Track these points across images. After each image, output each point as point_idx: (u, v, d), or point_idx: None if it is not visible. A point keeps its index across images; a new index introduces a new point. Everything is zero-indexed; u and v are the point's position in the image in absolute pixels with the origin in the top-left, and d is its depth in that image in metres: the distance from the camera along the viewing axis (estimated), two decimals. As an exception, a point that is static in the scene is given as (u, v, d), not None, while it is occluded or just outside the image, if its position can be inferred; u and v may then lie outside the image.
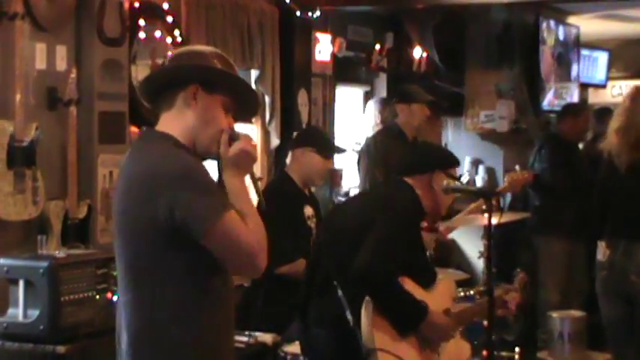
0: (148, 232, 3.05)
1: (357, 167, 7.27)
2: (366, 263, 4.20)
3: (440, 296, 4.54)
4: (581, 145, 8.96)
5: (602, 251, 6.12)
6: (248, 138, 3.23)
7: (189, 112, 3.18)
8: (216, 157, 3.21)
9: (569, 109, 9.03)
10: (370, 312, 4.19)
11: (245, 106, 3.33)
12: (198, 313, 3.10)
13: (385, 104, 8.64)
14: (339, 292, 4.25)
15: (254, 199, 3.26)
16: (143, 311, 3.10)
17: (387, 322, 4.24)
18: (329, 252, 4.50)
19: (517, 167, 7.45)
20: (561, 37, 11.12)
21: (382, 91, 9.86)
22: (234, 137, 3.19)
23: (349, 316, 4.20)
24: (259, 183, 3.36)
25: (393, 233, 4.32)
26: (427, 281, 4.53)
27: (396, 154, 5.91)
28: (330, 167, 6.37)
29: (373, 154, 6.90)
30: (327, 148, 6.02)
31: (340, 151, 6.32)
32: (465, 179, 10.27)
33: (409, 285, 4.34)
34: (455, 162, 4.83)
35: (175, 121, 3.19)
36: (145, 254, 3.08)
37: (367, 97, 9.84)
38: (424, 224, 5.81)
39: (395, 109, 6.74)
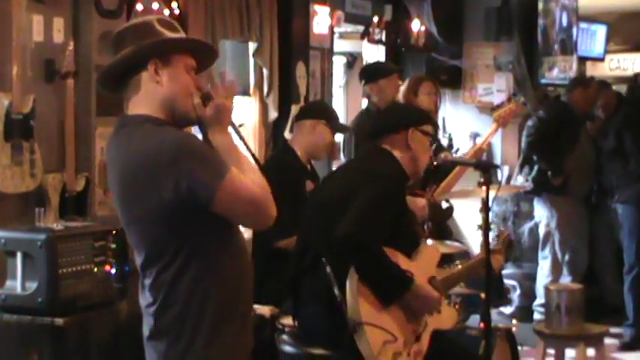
0: (158, 217, 3.09)
1: (344, 145, 7.28)
2: (349, 229, 4.15)
3: (424, 264, 4.49)
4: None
5: None
6: (219, 90, 3.24)
7: (157, 88, 3.20)
8: (197, 120, 3.24)
9: (578, 81, 9.04)
10: (355, 284, 4.16)
11: (203, 57, 3.35)
12: (222, 267, 3.18)
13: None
14: (328, 269, 4.23)
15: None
16: (171, 285, 3.14)
17: (372, 294, 4.20)
18: (315, 225, 4.47)
19: (503, 101, 7.30)
20: (560, 10, 11.08)
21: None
22: (206, 97, 3.22)
23: (337, 292, 4.19)
24: (240, 129, 3.38)
25: (377, 200, 4.27)
26: (411, 248, 4.48)
27: None
28: (334, 143, 6.38)
29: (357, 137, 6.89)
30: (337, 123, 6.03)
31: (346, 129, 6.37)
32: (462, 152, 10.28)
33: (393, 255, 4.29)
34: (428, 118, 4.77)
35: (148, 102, 3.20)
36: (163, 237, 3.12)
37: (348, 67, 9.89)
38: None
39: (365, 91, 6.74)
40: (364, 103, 8.66)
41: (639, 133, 8.08)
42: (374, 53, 9.79)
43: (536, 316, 8.47)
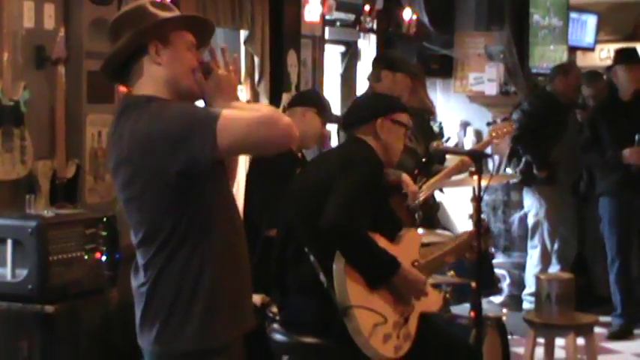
0: (160, 190, 3.11)
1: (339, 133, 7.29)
2: (334, 216, 4.17)
3: (407, 248, 4.52)
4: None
5: None
6: (219, 62, 3.28)
7: (159, 69, 3.23)
8: (201, 95, 3.28)
9: (558, 68, 9.05)
10: (342, 268, 4.19)
11: (201, 32, 3.37)
12: (217, 244, 3.20)
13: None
14: (312, 258, 4.24)
15: None
16: (165, 263, 3.16)
17: (359, 277, 4.23)
18: (295, 216, 4.49)
19: (498, 120, 7.44)
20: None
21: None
22: (207, 70, 3.25)
23: (323, 279, 4.20)
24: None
25: (357, 186, 4.29)
26: (393, 232, 4.52)
27: None
28: (324, 132, 6.38)
29: None
30: (328, 112, 6.02)
31: (337, 120, 6.37)
32: (453, 141, 10.29)
33: (376, 239, 4.32)
34: (398, 107, 4.77)
35: (152, 84, 3.23)
36: (162, 212, 3.14)
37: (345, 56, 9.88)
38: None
39: (379, 74, 6.68)
40: (361, 91, 8.63)
41: (613, 123, 8.07)
42: (371, 42, 9.79)
43: (526, 305, 8.50)
